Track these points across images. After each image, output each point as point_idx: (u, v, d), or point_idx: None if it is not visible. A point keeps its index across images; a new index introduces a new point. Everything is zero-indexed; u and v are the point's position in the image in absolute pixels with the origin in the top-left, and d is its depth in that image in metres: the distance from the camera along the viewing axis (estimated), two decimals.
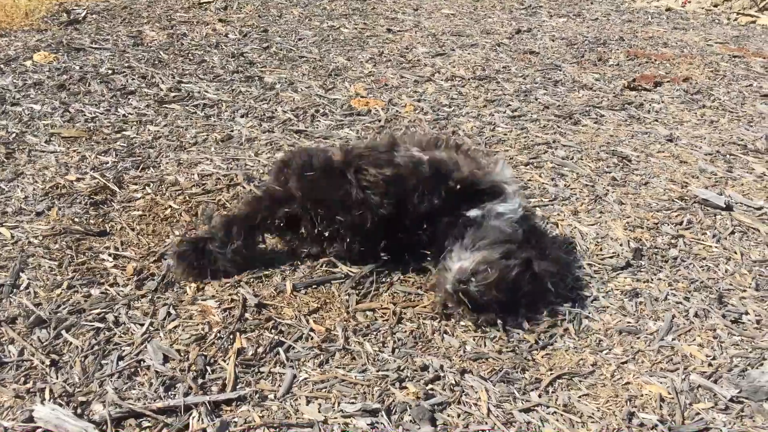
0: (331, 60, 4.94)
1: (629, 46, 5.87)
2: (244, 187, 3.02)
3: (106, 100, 3.90)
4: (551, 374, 2.09)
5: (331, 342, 2.16)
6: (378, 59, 5.04)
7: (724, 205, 3.11)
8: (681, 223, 2.98)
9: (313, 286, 2.41)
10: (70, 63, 4.41)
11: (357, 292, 2.40)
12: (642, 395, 2.03)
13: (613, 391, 2.04)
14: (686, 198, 3.20)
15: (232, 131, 3.64)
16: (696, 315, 2.39)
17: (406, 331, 2.23)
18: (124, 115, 3.73)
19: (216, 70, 4.54)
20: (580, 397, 2.01)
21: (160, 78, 4.29)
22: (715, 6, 7.68)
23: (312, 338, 2.17)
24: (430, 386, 2.01)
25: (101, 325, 2.14)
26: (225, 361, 2.03)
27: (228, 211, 2.83)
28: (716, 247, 2.83)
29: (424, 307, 2.35)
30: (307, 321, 2.24)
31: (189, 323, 2.18)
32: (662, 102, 4.49)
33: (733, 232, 2.94)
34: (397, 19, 6.33)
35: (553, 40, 5.87)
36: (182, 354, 2.05)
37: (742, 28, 6.99)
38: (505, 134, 3.83)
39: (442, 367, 2.09)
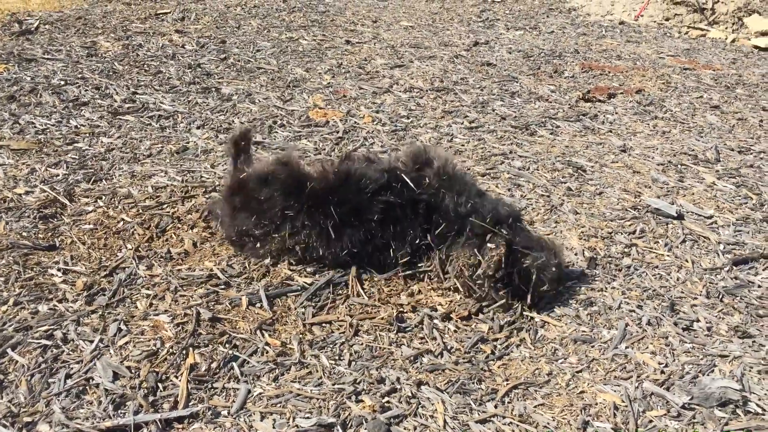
0: (289, 71, 4.92)
1: (584, 58, 5.98)
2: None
3: (57, 112, 3.82)
4: (507, 384, 2.09)
5: (286, 356, 2.13)
6: (337, 71, 5.04)
7: (676, 215, 3.17)
8: (634, 232, 3.03)
9: (269, 299, 2.38)
10: (21, 74, 4.31)
11: (313, 304, 2.38)
12: (596, 404, 2.04)
13: (568, 400, 2.05)
14: (639, 207, 3.26)
15: (187, 143, 3.59)
16: (649, 323, 2.43)
17: (362, 344, 2.22)
18: (76, 127, 3.66)
19: (172, 81, 4.49)
20: (535, 406, 2.02)
21: (115, 89, 4.23)
22: (667, 20, 7.87)
23: (267, 352, 2.14)
24: (386, 399, 1.99)
25: (49, 343, 2.08)
26: (177, 378, 1.99)
27: (183, 224, 2.80)
28: (668, 255, 2.88)
29: (382, 319, 2.34)
30: (263, 335, 2.21)
31: (140, 339, 2.13)
32: (616, 113, 4.57)
33: (684, 241, 3.00)
34: (356, 31, 6.34)
35: (509, 53, 5.94)
36: (133, 371, 2.00)
37: (692, 41, 7.18)
38: (463, 145, 3.85)
39: (398, 379, 2.08)
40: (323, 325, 2.29)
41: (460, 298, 2.45)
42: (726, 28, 7.63)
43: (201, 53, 5.14)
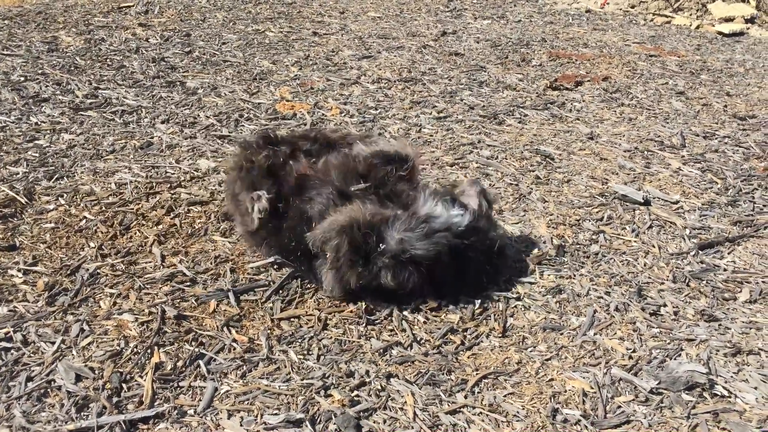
0: (255, 64, 4.86)
1: (551, 46, 5.99)
2: None
3: (17, 108, 3.73)
4: (477, 374, 2.09)
5: (254, 352, 2.11)
6: (304, 62, 4.99)
7: (643, 200, 3.19)
8: (602, 219, 3.05)
9: (236, 295, 2.34)
10: None
11: (281, 299, 2.36)
12: (565, 391, 2.05)
13: (538, 388, 2.06)
14: (606, 194, 3.27)
15: (152, 138, 3.53)
16: (617, 309, 2.44)
17: (331, 338, 2.20)
18: (36, 124, 3.57)
19: (136, 75, 4.41)
20: (505, 396, 2.02)
21: (76, 84, 4.14)
22: (632, 7, 7.93)
23: (234, 349, 2.11)
24: (355, 393, 1.98)
25: (9, 345, 2.04)
26: (142, 377, 1.96)
27: (148, 221, 2.75)
28: (635, 241, 2.90)
29: (351, 312, 2.32)
30: (230, 331, 2.18)
31: (104, 339, 2.09)
32: (583, 101, 4.59)
33: (651, 227, 3.02)
34: (324, 22, 6.29)
35: (477, 42, 5.94)
36: (96, 372, 1.96)
37: (657, 28, 7.24)
38: (431, 135, 3.84)
39: (368, 372, 2.06)
40: (291, 319, 2.27)
41: None
42: (690, 14, 7.71)
43: (165, 47, 5.06)
